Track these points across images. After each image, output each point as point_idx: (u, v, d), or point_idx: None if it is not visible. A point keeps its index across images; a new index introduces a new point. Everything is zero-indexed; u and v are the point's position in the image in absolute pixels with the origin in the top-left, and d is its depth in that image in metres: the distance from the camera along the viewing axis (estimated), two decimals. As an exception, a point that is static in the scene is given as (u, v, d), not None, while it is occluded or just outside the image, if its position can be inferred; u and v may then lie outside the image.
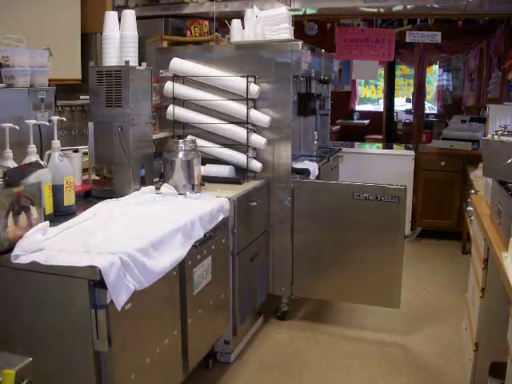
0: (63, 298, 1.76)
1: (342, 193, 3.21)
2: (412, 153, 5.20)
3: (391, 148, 5.68)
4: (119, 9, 3.45)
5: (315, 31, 6.19)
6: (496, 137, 2.29)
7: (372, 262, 3.18)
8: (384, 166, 5.07)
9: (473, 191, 3.30)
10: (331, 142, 4.80)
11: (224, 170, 3.22)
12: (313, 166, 3.48)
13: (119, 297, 1.77)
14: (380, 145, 6.28)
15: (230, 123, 3.28)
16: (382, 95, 9.15)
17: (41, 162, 2.12)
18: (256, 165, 3.28)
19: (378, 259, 3.17)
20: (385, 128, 7.91)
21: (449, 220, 5.20)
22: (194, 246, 2.33)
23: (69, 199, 2.28)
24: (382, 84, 8.86)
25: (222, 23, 4.40)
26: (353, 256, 3.22)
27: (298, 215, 3.30)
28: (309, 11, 4.70)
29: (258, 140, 3.26)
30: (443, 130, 5.65)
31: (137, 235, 2.00)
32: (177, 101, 3.32)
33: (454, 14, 4.85)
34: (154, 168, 2.90)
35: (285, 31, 3.36)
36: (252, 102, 3.24)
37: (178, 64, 3.31)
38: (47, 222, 1.97)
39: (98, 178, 2.81)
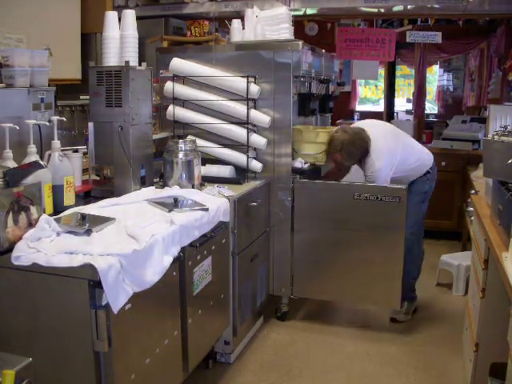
0: (63, 298, 1.76)
1: (343, 193, 3.19)
2: (412, 153, 5.18)
3: (391, 148, 5.66)
4: (119, 9, 3.44)
5: (315, 31, 6.17)
6: (496, 137, 2.30)
7: (373, 261, 3.16)
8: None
9: (473, 191, 3.29)
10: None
11: (224, 171, 3.22)
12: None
13: (117, 301, 1.76)
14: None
15: (230, 123, 3.28)
16: (382, 95, 9.14)
17: (41, 162, 2.12)
18: (256, 165, 3.28)
19: (379, 259, 3.15)
20: (385, 128, 7.87)
21: (449, 220, 5.19)
22: (194, 246, 2.33)
23: (69, 199, 2.28)
24: (382, 84, 8.85)
25: (222, 23, 4.39)
26: (353, 256, 3.20)
27: (299, 215, 3.30)
28: (309, 11, 4.69)
29: (258, 140, 3.26)
30: (443, 130, 5.64)
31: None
32: (177, 101, 3.32)
33: (455, 15, 4.85)
34: (154, 168, 2.90)
35: (285, 31, 3.35)
36: (252, 102, 3.24)
37: (178, 64, 3.31)
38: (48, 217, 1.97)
39: (97, 178, 2.82)
